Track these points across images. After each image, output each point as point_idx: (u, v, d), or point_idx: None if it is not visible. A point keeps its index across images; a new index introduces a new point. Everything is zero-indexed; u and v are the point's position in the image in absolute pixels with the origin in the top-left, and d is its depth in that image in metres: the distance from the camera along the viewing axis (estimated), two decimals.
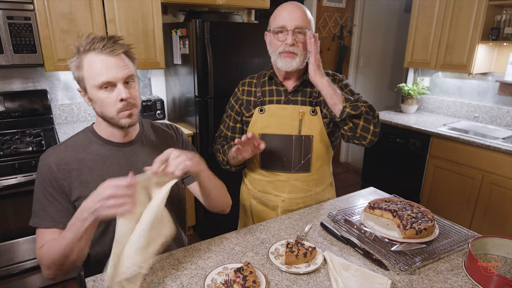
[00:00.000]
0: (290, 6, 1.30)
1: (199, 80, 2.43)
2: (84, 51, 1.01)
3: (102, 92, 1.01)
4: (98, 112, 1.07)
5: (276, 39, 1.32)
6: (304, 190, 1.45)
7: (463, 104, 3.20)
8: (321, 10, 4.10)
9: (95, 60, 1.00)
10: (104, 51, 1.00)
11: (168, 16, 2.88)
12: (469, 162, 2.58)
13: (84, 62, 1.01)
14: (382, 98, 4.97)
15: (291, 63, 1.30)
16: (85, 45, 1.01)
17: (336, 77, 1.43)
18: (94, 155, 1.10)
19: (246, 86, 1.49)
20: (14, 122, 2.39)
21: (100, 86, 1.00)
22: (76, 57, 1.03)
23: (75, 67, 1.03)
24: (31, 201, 1.07)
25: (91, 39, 1.01)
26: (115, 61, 1.01)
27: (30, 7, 2.06)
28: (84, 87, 1.04)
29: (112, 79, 1.00)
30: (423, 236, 1.09)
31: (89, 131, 1.14)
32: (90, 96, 1.04)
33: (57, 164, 1.05)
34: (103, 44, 1.00)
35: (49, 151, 1.09)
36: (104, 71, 1.00)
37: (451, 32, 2.86)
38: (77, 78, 1.04)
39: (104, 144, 1.12)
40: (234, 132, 1.52)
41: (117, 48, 1.02)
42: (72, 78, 2.59)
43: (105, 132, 1.12)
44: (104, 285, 0.95)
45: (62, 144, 1.12)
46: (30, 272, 2.11)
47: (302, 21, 1.28)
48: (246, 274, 0.91)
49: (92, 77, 1.00)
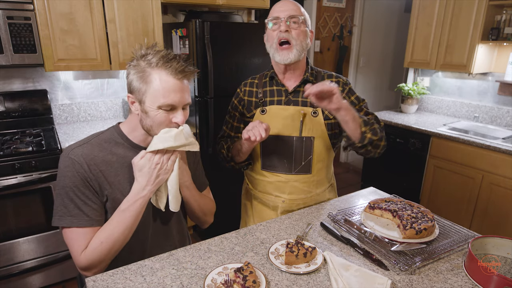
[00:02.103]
0: (282, 1, 1.34)
1: (199, 80, 2.43)
2: (157, 66, 0.99)
3: (161, 111, 1.01)
4: (145, 124, 1.05)
5: (271, 31, 1.34)
6: (305, 192, 1.45)
7: (463, 104, 3.20)
8: (321, 10, 4.10)
9: (165, 80, 0.99)
10: (176, 75, 0.99)
11: (168, 16, 2.88)
12: (469, 162, 2.58)
13: (153, 78, 0.99)
14: (382, 98, 4.97)
15: (288, 55, 1.31)
16: (156, 60, 0.99)
17: (340, 79, 1.42)
18: (120, 158, 1.09)
19: (247, 86, 1.49)
20: (14, 122, 2.39)
21: (161, 107, 1.00)
22: (140, 67, 1.00)
23: (140, 77, 1.00)
24: (31, 201, 1.07)
25: (164, 55, 1.00)
26: (182, 86, 1.01)
27: (30, 7, 2.06)
28: (141, 99, 1.01)
29: (175, 103, 1.01)
30: (423, 236, 1.09)
31: (115, 132, 1.11)
32: (145, 109, 1.02)
33: (88, 163, 1.03)
34: (177, 66, 0.99)
35: (76, 149, 1.05)
36: (171, 94, 0.99)
37: (451, 32, 2.86)
38: (137, 89, 1.01)
39: (131, 148, 1.11)
40: (237, 132, 1.51)
41: (188, 74, 1.02)
42: (72, 78, 2.62)
43: (138, 137, 1.11)
44: (104, 285, 0.95)
45: (87, 142, 1.08)
46: (30, 272, 2.11)
47: (294, 11, 1.30)
48: (246, 274, 0.91)
49: (157, 96, 0.99)
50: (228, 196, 2.14)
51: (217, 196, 1.49)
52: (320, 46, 4.24)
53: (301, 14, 1.32)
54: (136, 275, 0.98)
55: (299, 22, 1.30)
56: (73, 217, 1.02)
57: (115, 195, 1.07)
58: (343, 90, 1.40)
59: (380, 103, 4.93)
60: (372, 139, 1.25)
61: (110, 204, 1.07)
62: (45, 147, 2.05)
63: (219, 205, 1.48)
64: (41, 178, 1.98)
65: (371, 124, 1.27)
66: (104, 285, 0.94)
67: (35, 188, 1.98)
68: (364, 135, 1.26)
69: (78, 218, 1.02)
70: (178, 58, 1.01)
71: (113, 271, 1.00)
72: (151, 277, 0.98)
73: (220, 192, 2.41)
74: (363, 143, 1.26)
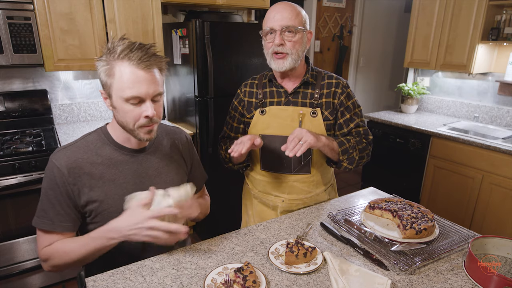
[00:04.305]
0: (278, 6, 1.31)
1: (199, 80, 2.43)
2: (118, 58, 0.96)
3: (128, 105, 0.98)
4: (118, 120, 1.04)
5: (266, 41, 1.33)
6: (304, 191, 1.45)
7: (463, 104, 3.20)
8: (321, 10, 4.10)
9: (128, 71, 0.95)
10: (139, 65, 0.95)
11: (168, 16, 2.88)
12: (469, 162, 2.58)
13: (116, 71, 0.96)
14: (382, 98, 4.97)
15: (283, 63, 1.31)
16: (119, 51, 0.96)
17: (340, 81, 1.42)
18: (106, 159, 1.08)
19: (248, 87, 1.49)
20: (14, 122, 2.39)
21: (128, 99, 0.97)
22: (107, 61, 0.98)
23: (105, 72, 0.98)
24: (31, 201, 1.08)
25: (127, 46, 0.96)
26: (148, 77, 0.97)
27: (30, 7, 2.06)
28: (110, 93, 1.00)
29: (142, 95, 0.97)
30: (423, 236, 1.09)
31: (102, 133, 1.11)
32: (114, 104, 1.00)
33: (68, 167, 1.02)
34: (140, 55, 0.95)
35: (61, 152, 1.05)
36: (136, 85, 0.96)
37: (451, 32, 2.86)
38: (104, 83, 1.00)
39: (117, 149, 1.10)
40: (237, 133, 1.52)
41: (154, 63, 0.98)
42: (72, 78, 2.62)
43: (120, 137, 1.10)
44: (104, 285, 0.95)
45: (73, 144, 1.08)
46: (30, 272, 2.11)
47: (289, 21, 1.27)
48: (246, 274, 0.91)
49: (121, 88, 0.96)
50: (228, 196, 2.14)
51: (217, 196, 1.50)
52: (320, 46, 4.24)
53: (299, 22, 1.29)
54: (136, 275, 0.98)
55: (294, 31, 1.28)
56: (38, 218, 1.03)
57: (99, 197, 1.06)
58: (342, 93, 1.40)
59: (380, 103, 4.93)
60: (348, 167, 1.40)
61: (93, 206, 1.06)
62: (45, 147, 2.05)
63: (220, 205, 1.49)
64: (41, 178, 1.96)
65: (350, 153, 1.37)
66: (104, 285, 0.94)
67: (35, 188, 1.98)
68: (341, 163, 1.39)
69: (42, 220, 1.03)
70: (143, 47, 0.97)
71: (113, 271, 1.00)
72: (151, 277, 0.98)
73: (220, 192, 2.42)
74: (339, 169, 1.42)
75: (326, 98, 1.39)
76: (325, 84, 1.40)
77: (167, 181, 1.17)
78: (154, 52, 0.99)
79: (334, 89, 1.39)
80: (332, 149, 1.33)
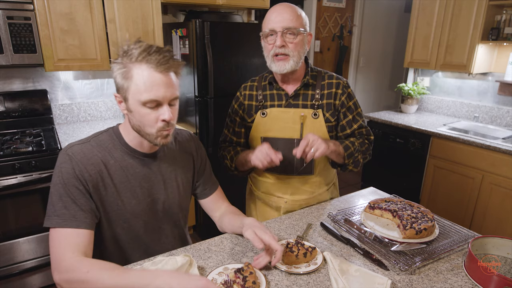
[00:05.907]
0: (278, 8, 1.29)
1: (199, 80, 2.43)
2: (136, 60, 0.94)
3: (145, 108, 0.96)
4: (133, 124, 1.02)
5: (267, 43, 1.32)
6: (307, 192, 1.45)
7: (463, 104, 3.20)
8: (321, 10, 4.10)
9: (146, 74, 0.93)
10: (158, 68, 0.94)
11: (168, 16, 2.88)
12: (469, 162, 2.58)
13: (134, 73, 0.94)
14: (382, 98, 4.97)
15: (284, 65, 1.29)
16: (137, 54, 0.94)
17: (340, 81, 1.41)
18: (117, 161, 1.06)
19: (247, 90, 1.48)
20: (14, 122, 2.39)
21: (145, 103, 0.95)
22: (123, 64, 0.96)
23: (121, 75, 0.96)
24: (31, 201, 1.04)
25: (145, 49, 0.94)
26: (166, 80, 0.95)
27: (30, 7, 2.06)
28: (126, 96, 0.98)
29: (159, 98, 0.95)
30: (423, 236, 1.09)
31: (114, 134, 1.08)
32: (130, 107, 0.98)
33: (85, 163, 1.00)
34: (158, 58, 0.94)
35: (76, 147, 1.02)
36: (154, 88, 0.94)
37: (451, 32, 2.86)
38: (120, 86, 0.98)
39: (129, 152, 1.07)
40: (239, 137, 1.50)
41: (171, 67, 0.97)
42: (72, 78, 2.62)
43: (134, 141, 1.07)
44: None
45: (87, 142, 1.05)
46: (30, 272, 2.11)
47: (290, 22, 1.26)
48: (246, 275, 0.91)
49: (138, 92, 0.94)
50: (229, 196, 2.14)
51: None
52: (320, 46, 4.24)
53: (299, 23, 1.28)
54: None
55: (295, 33, 1.27)
56: (58, 217, 0.95)
57: (109, 197, 1.04)
58: (343, 93, 1.39)
59: (380, 103, 4.93)
60: (353, 170, 1.43)
61: (101, 206, 1.03)
62: (45, 147, 2.05)
63: None
64: (41, 178, 1.98)
65: (355, 156, 1.39)
66: None
67: (35, 188, 1.98)
68: (346, 167, 1.42)
69: (63, 218, 0.95)
70: (161, 50, 0.95)
71: None
72: None
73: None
74: (344, 171, 1.45)
75: (327, 99, 1.38)
76: (326, 84, 1.40)
77: (176, 186, 1.17)
78: (171, 56, 0.98)
79: (335, 90, 1.39)
80: (339, 154, 1.35)
